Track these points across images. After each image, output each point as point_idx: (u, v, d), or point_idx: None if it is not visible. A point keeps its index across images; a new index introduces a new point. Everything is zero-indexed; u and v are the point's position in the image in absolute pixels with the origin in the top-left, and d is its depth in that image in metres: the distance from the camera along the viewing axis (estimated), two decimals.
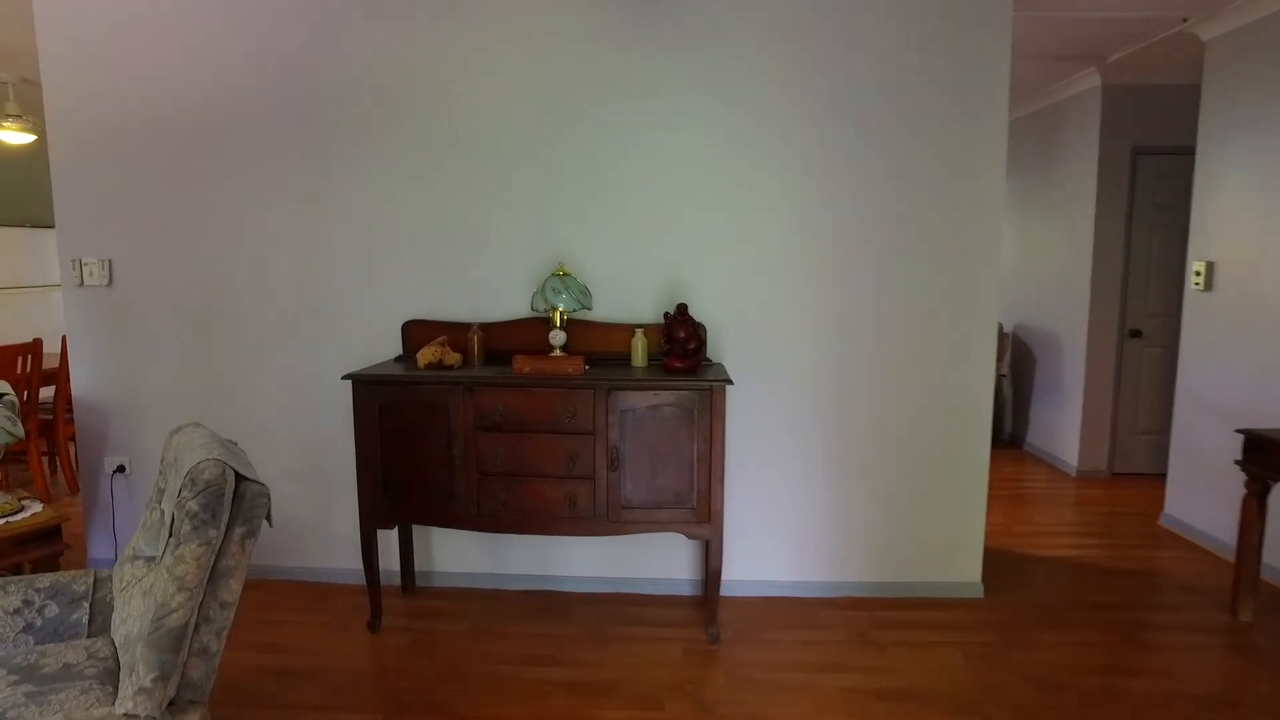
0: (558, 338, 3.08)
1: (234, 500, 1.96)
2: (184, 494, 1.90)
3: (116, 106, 3.51)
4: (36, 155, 6.80)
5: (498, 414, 2.92)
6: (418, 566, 3.62)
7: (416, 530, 3.57)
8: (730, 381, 2.90)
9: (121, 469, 3.70)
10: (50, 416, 4.88)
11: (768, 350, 3.40)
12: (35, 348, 4.68)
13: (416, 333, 3.38)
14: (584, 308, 3.08)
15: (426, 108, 3.36)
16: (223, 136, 3.47)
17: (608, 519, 2.95)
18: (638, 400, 2.89)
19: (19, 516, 2.67)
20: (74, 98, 3.54)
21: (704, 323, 3.31)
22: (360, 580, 3.60)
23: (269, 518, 2.02)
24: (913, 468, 3.45)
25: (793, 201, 3.32)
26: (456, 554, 3.60)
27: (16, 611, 2.29)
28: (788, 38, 3.24)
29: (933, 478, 3.46)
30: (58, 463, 5.05)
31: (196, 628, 1.94)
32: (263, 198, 3.48)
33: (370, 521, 3.08)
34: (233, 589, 1.98)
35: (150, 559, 2.32)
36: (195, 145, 3.49)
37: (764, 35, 3.24)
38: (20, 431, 2.70)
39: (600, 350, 3.29)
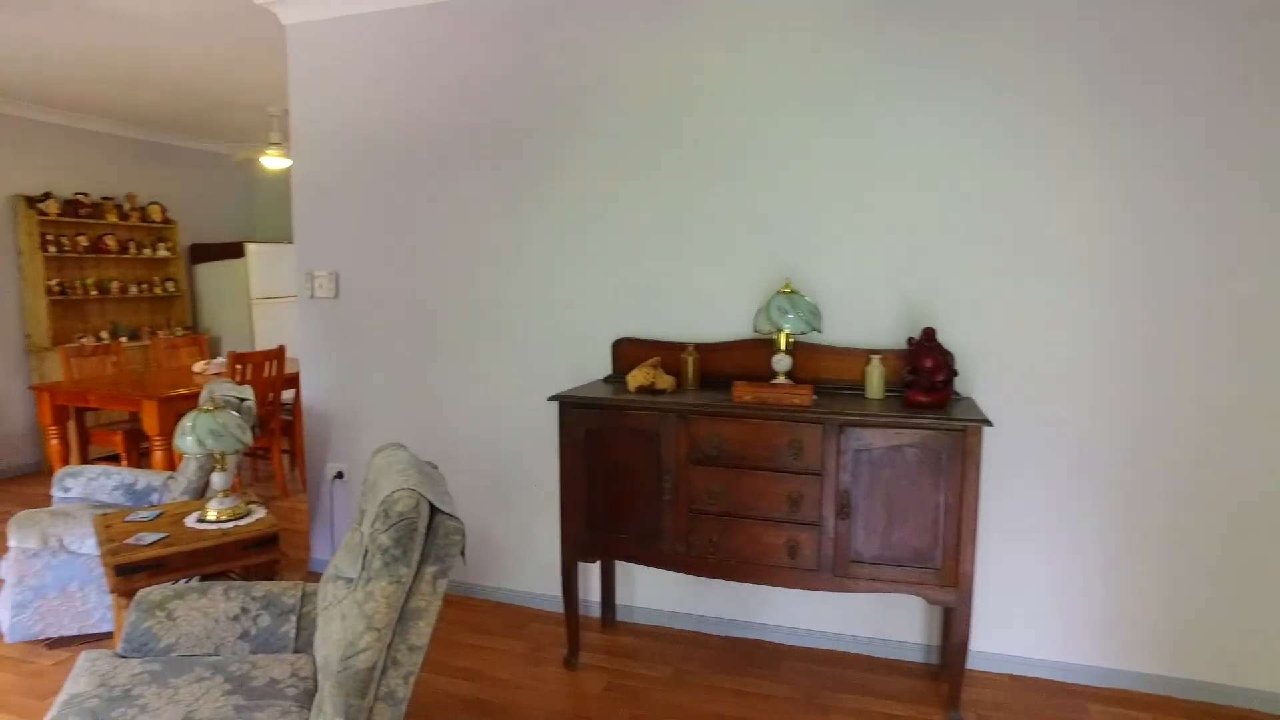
0: (782, 363, 2.73)
1: (427, 534, 1.80)
2: (376, 525, 1.76)
3: (346, 129, 3.61)
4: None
5: (713, 446, 2.62)
6: (618, 599, 3.40)
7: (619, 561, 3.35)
8: (988, 422, 2.40)
9: (340, 475, 3.80)
10: (290, 418, 5.21)
11: (1031, 384, 2.84)
12: (279, 353, 5.01)
13: (628, 352, 3.17)
14: (813, 329, 2.71)
15: (643, 118, 3.14)
16: (437, 154, 3.46)
17: (833, 573, 2.55)
18: (875, 439, 2.47)
19: (245, 521, 2.72)
20: (313, 123, 3.69)
21: (951, 350, 2.82)
22: (559, 608, 3.45)
23: (463, 554, 1.84)
24: (1245, 541, 2.72)
25: (1070, 203, 2.75)
26: (658, 589, 3.34)
27: (235, 618, 2.29)
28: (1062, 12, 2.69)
29: (1272, 554, 2.71)
30: (294, 461, 5.39)
31: (384, 671, 1.79)
32: (473, 214, 3.43)
33: (572, 554, 2.88)
34: (423, 632, 1.81)
35: (349, 580, 2.24)
36: (411, 163, 3.51)
37: (1035, 12, 2.71)
38: (249, 439, 2.76)
39: (828, 378, 2.90)
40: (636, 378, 2.82)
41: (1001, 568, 2.93)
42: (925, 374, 2.55)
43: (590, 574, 3.38)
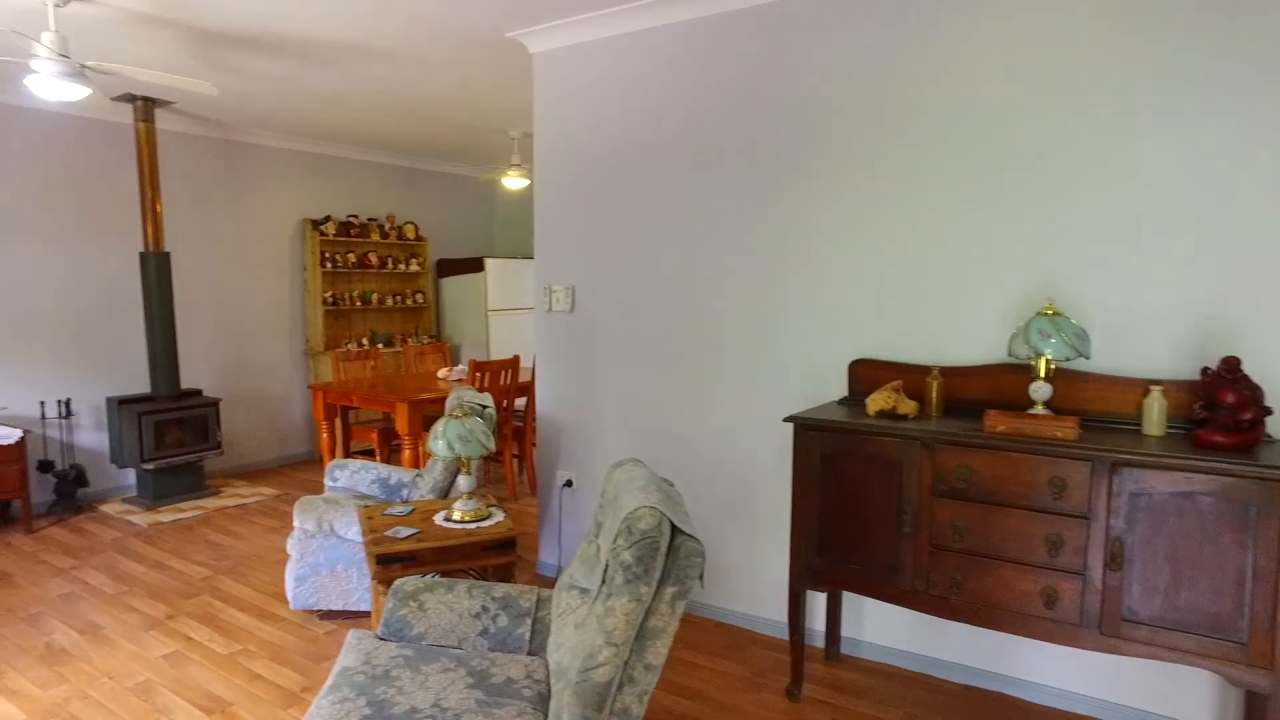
0: (1041, 391, 2.47)
1: (668, 554, 1.78)
2: (619, 541, 1.77)
3: (584, 149, 3.75)
4: (529, 198, 7.94)
5: (961, 478, 2.42)
6: (844, 631, 3.24)
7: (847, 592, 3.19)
8: None
9: (569, 483, 3.93)
10: (521, 424, 5.50)
11: None
12: (514, 363, 5.31)
13: (865, 373, 3.02)
14: (1080, 355, 2.42)
15: (887, 125, 2.98)
16: (672, 173, 3.50)
17: (1100, 631, 2.26)
18: (1158, 482, 2.16)
19: (486, 523, 2.87)
20: (555, 144, 3.87)
21: (1260, 384, 2.41)
22: (781, 634, 3.36)
23: (701, 577, 1.81)
24: None
25: None
26: (889, 624, 3.14)
27: (476, 615, 2.41)
28: None
29: None
30: (524, 465, 5.68)
31: (620, 687, 1.79)
32: (708, 232, 3.42)
33: (800, 582, 2.77)
34: (659, 652, 1.79)
35: (583, 591, 2.28)
36: (647, 182, 3.58)
37: None
38: (492, 445, 2.92)
39: (1094, 410, 2.58)
40: (876, 401, 2.67)
41: None
42: (1226, 410, 2.20)
43: (815, 601, 3.25)
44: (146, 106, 5.22)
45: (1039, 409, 2.47)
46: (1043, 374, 2.49)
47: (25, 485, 4.80)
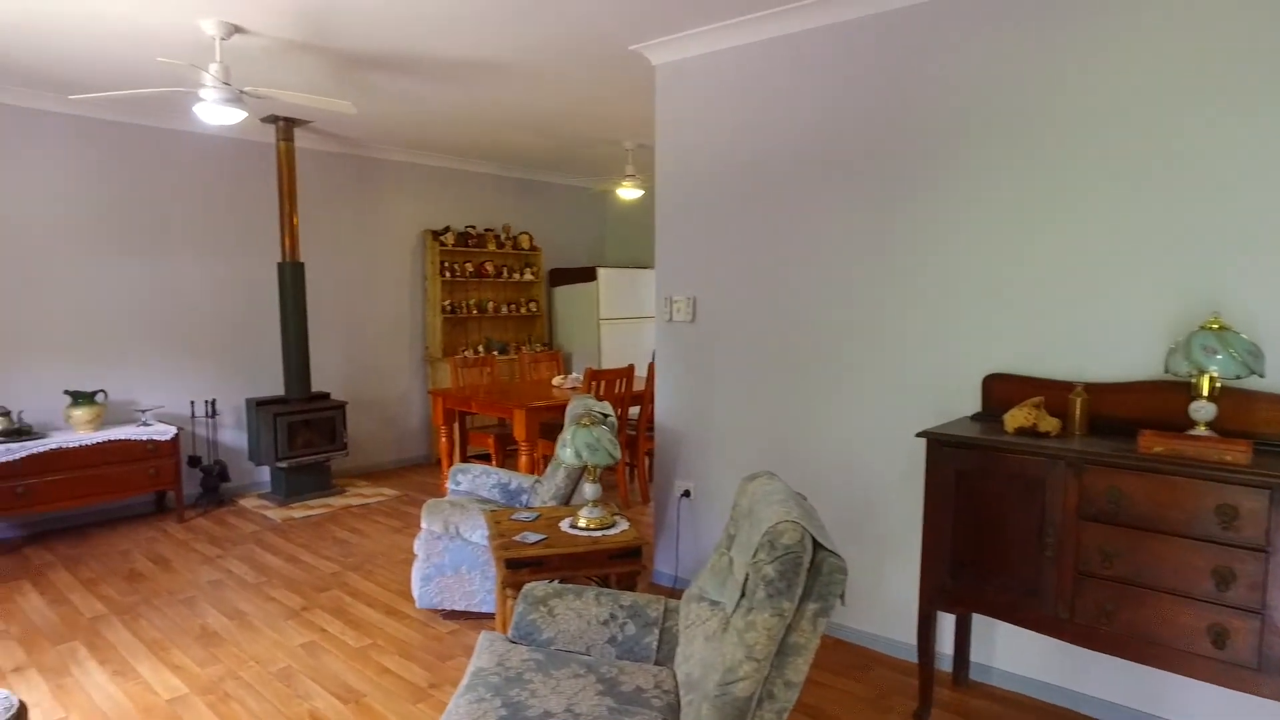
0: (1203, 411, 2.31)
1: (809, 570, 1.75)
2: (760, 555, 1.75)
3: (706, 159, 3.76)
4: (641, 208, 8.01)
5: (1111, 501, 2.28)
6: (973, 656, 3.11)
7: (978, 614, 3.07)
8: None
9: (687, 493, 3.93)
10: (634, 433, 5.54)
11: None
12: (628, 372, 5.36)
13: (1000, 389, 2.90)
14: (1252, 373, 2.25)
15: (1022, 128, 2.86)
16: (795, 182, 3.46)
17: None
18: None
19: (612, 531, 2.90)
20: (676, 155, 3.90)
21: None
22: (905, 655, 3.26)
23: (842, 596, 1.77)
24: None
25: None
26: (1024, 652, 3.00)
27: (604, 623, 2.43)
28: None
29: None
30: (635, 474, 5.72)
31: (759, 703, 1.77)
32: (831, 242, 3.37)
33: (931, 602, 2.68)
34: (800, 669, 1.76)
35: (714, 603, 2.27)
36: (770, 191, 3.55)
37: None
38: (619, 454, 2.95)
39: (1267, 432, 2.39)
40: (1016, 418, 2.56)
41: None
42: None
43: (943, 623, 3.14)
44: (287, 127, 5.55)
45: (1201, 430, 2.31)
46: (1205, 393, 2.32)
47: (179, 478, 5.16)
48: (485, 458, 6.31)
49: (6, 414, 4.68)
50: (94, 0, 3.32)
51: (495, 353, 7.20)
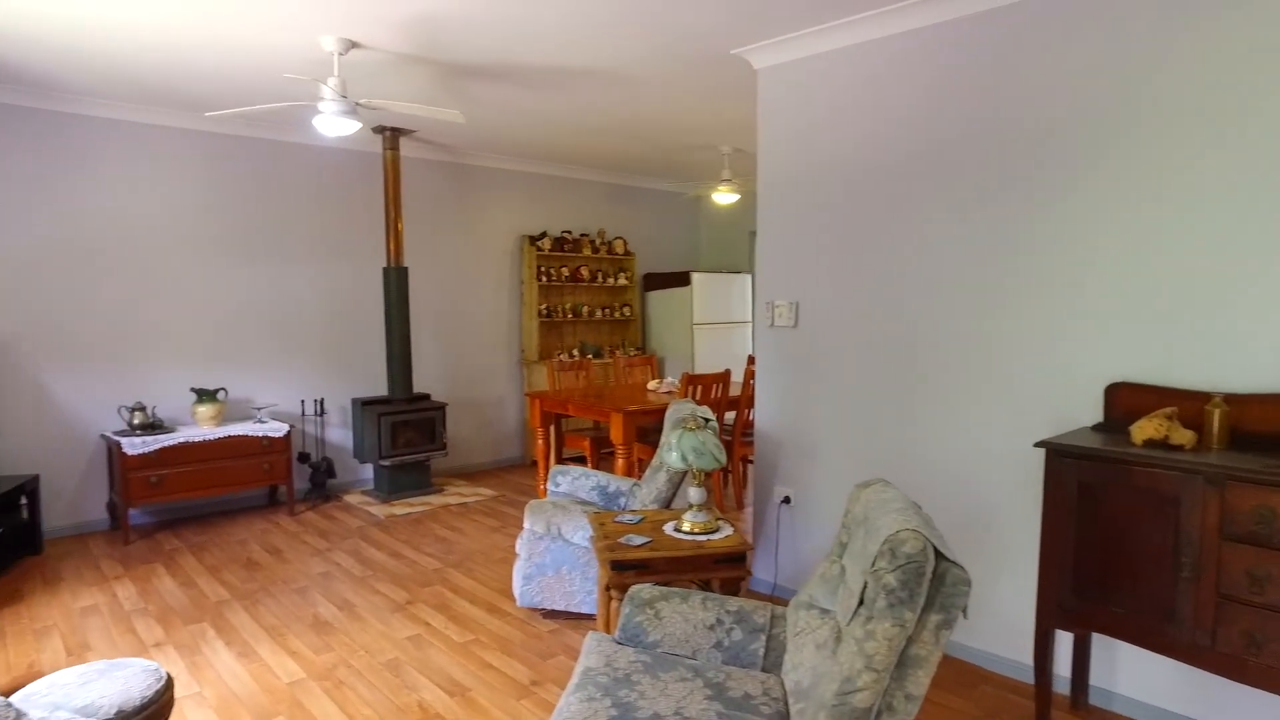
0: None
1: (932, 581, 1.70)
2: (880, 564, 1.71)
3: (809, 162, 3.71)
4: (736, 213, 7.98)
5: (1260, 521, 2.14)
6: (1093, 679, 2.96)
7: (1098, 634, 2.92)
8: None
9: (787, 500, 3.88)
10: (729, 438, 5.51)
11: None
12: (724, 377, 5.33)
13: (1126, 398, 2.75)
14: None
15: (1153, 122, 2.71)
16: (901, 183, 3.38)
17: None
18: None
19: (716, 536, 2.89)
20: (778, 158, 3.86)
21: None
22: (1014, 673, 3.14)
23: (965, 609, 1.71)
24: None
25: None
26: (1150, 677, 2.83)
27: (711, 627, 2.42)
28: None
29: None
30: (729, 479, 5.68)
31: (878, 715, 1.73)
32: (939, 244, 3.27)
33: (1049, 619, 2.57)
34: (920, 681, 1.71)
35: (824, 611, 2.24)
36: (874, 193, 3.47)
37: None
38: (724, 459, 2.94)
39: None
40: (1145, 429, 2.43)
41: None
42: None
43: (1062, 644, 3.00)
44: (394, 137, 5.76)
45: None
46: None
47: (290, 473, 5.41)
48: (580, 460, 6.39)
49: (143, 409, 5.00)
50: (228, 24, 3.52)
51: (590, 356, 7.28)
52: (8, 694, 1.98)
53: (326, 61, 3.96)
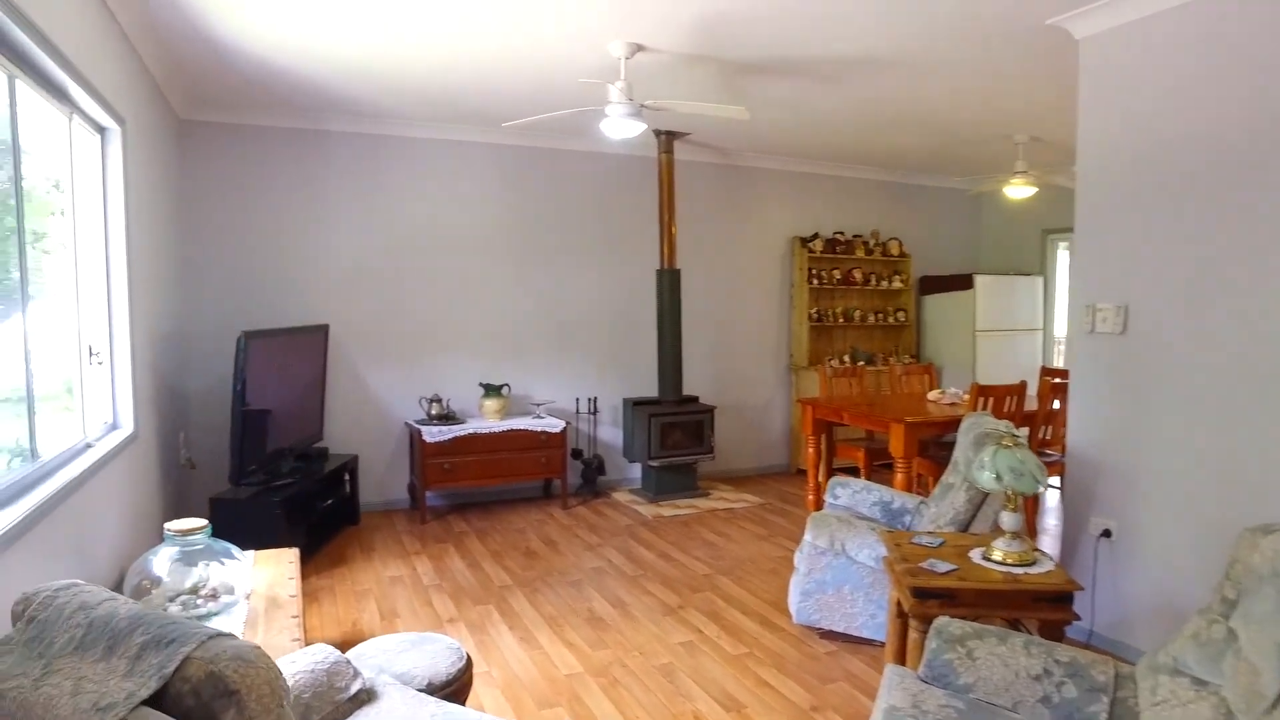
0: None
1: None
2: None
3: (1140, 145, 3.15)
4: (1027, 209, 7.19)
5: None
6: None
7: None
8: None
9: (1107, 533, 3.34)
10: None
11: None
12: (1020, 389, 4.78)
13: None
14: None
15: None
16: (1262, 162, 2.73)
17: None
18: None
19: (1034, 570, 2.51)
20: (1101, 142, 3.35)
21: None
22: None
23: None
24: None
25: None
26: None
27: (1037, 678, 2.09)
28: None
29: None
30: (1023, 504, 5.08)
31: None
32: None
33: None
34: None
35: (1199, 682, 1.82)
36: (1227, 176, 2.85)
37: None
38: (1046, 482, 2.55)
39: None
40: None
41: None
42: None
43: None
44: (668, 140, 5.82)
45: None
46: None
47: (565, 468, 5.65)
48: (852, 471, 6.06)
49: (439, 400, 5.46)
50: (525, 38, 3.70)
51: (861, 363, 6.91)
52: (343, 649, 2.16)
53: (613, 67, 4.04)
